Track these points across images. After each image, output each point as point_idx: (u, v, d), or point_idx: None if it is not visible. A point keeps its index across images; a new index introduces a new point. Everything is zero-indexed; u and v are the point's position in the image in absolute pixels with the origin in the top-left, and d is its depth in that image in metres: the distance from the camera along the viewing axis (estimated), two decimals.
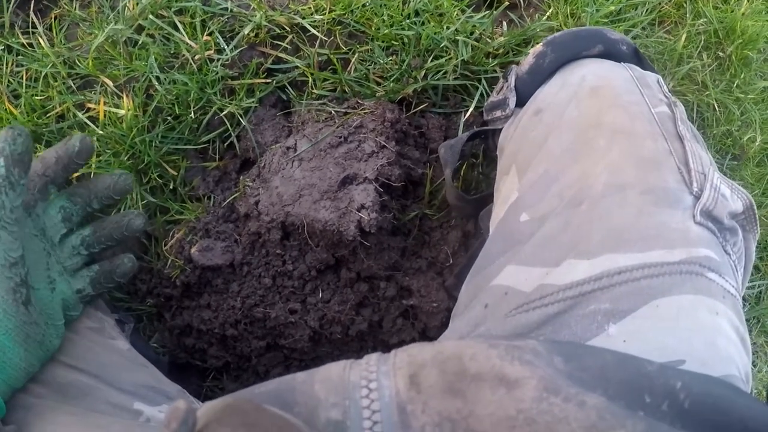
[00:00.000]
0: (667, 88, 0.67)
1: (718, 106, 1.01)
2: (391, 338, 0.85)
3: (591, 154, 0.57)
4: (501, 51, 0.86)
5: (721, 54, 1.02)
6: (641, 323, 0.47)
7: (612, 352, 0.42)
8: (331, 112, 0.81)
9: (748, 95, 1.04)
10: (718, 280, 0.49)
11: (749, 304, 1.12)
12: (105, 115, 0.79)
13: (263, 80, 0.85)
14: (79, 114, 0.80)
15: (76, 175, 0.75)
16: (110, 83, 0.81)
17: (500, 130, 0.75)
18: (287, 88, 0.87)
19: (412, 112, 0.85)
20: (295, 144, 0.79)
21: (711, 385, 0.40)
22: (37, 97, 0.79)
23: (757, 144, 1.05)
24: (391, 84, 0.83)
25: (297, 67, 0.85)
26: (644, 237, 0.50)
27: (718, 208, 0.52)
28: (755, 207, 0.56)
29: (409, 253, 0.86)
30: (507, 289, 0.56)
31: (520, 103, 0.73)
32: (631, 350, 0.43)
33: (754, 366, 1.12)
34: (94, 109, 0.80)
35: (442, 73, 0.84)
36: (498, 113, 0.75)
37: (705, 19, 1.00)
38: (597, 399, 0.37)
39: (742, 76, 1.03)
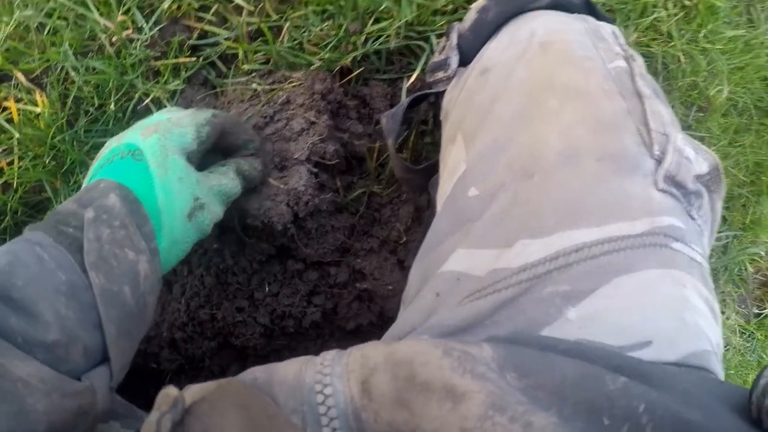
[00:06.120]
0: (624, 40, 0.61)
1: (684, 57, 0.95)
2: (347, 324, 0.80)
3: (542, 118, 0.52)
4: (450, 7, 0.77)
5: (687, 2, 0.95)
6: (602, 303, 0.43)
7: (574, 364, 0.39)
8: (256, 90, 0.74)
9: (716, 45, 0.97)
10: (684, 250, 0.46)
11: (716, 254, 1.09)
12: (19, 115, 0.73)
13: (188, 58, 0.77)
14: None
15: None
16: (23, 78, 0.75)
17: (444, 92, 0.67)
18: (217, 64, 0.79)
19: (354, 81, 0.77)
20: None
21: (682, 408, 0.37)
22: None
23: (724, 95, 0.99)
24: (328, 53, 0.75)
25: (224, 40, 0.77)
26: (602, 208, 0.46)
27: (683, 172, 0.49)
28: (721, 167, 0.52)
29: (359, 232, 0.80)
30: (459, 275, 0.52)
31: (464, 62, 0.67)
32: (590, 335, 0.42)
33: (723, 313, 1.09)
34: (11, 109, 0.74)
35: (384, 36, 0.75)
36: (440, 74, 0.69)
37: None
38: (546, 420, 0.35)
39: (709, 26, 0.96)
